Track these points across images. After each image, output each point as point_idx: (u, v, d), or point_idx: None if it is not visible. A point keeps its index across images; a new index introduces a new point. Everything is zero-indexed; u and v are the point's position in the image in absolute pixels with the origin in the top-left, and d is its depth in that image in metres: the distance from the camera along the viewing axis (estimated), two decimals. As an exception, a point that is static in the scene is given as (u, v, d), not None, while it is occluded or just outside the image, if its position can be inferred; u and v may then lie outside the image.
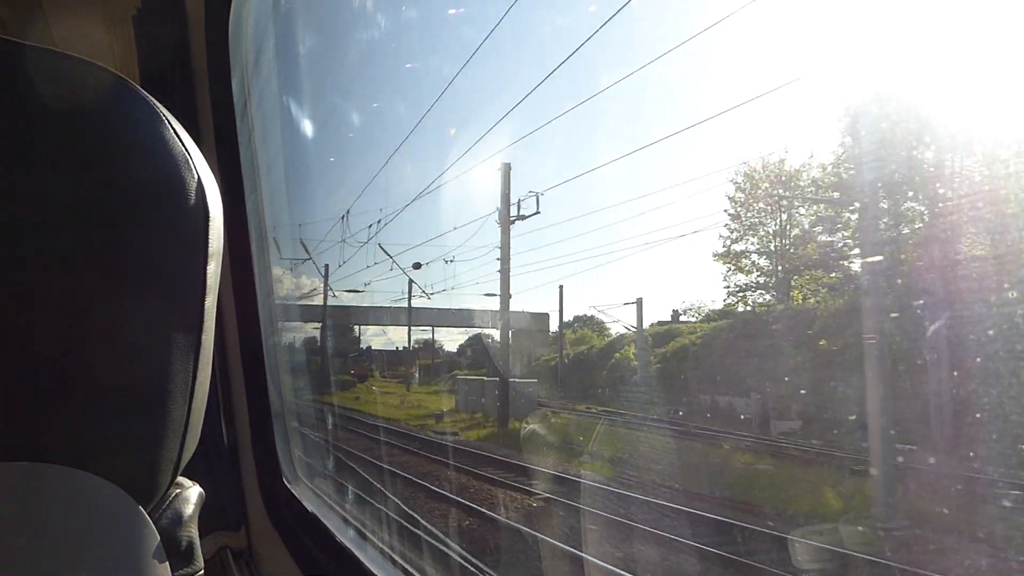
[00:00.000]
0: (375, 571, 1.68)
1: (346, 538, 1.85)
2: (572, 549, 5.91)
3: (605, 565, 5.43)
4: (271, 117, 2.69)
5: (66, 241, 0.53)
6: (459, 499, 8.13)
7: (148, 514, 0.57)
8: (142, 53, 2.19)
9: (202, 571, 0.64)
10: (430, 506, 8.17)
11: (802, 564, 4.97)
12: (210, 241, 0.62)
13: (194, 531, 0.65)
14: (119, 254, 0.55)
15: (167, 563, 0.57)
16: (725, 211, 14.53)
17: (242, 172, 2.17)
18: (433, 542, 6.23)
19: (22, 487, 0.51)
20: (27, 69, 0.54)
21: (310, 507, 2.04)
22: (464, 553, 6.01)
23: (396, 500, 7.86)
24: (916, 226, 8.04)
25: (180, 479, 0.66)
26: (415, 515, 7.19)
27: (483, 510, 7.66)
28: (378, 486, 8.55)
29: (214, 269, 0.63)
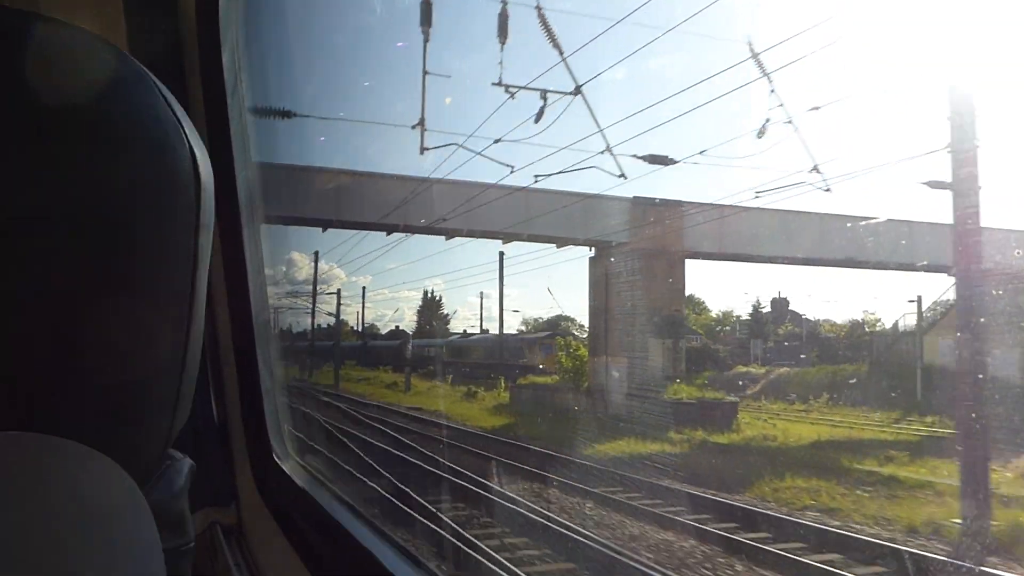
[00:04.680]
0: (368, 548, 1.68)
1: (338, 515, 1.85)
2: None
3: None
4: (261, 90, 2.65)
5: (52, 210, 0.51)
6: None
7: (139, 485, 0.56)
8: (131, 24, 2.15)
9: (192, 543, 0.63)
10: None
11: None
12: (201, 213, 0.60)
13: (184, 503, 0.65)
14: (108, 223, 0.54)
15: (157, 535, 0.56)
16: None
17: (232, 146, 2.14)
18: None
19: (12, 457, 0.50)
20: (11, 33, 0.52)
21: (301, 483, 2.04)
22: None
23: None
24: None
25: (170, 451, 0.65)
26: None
27: None
28: None
29: (205, 241, 0.62)
